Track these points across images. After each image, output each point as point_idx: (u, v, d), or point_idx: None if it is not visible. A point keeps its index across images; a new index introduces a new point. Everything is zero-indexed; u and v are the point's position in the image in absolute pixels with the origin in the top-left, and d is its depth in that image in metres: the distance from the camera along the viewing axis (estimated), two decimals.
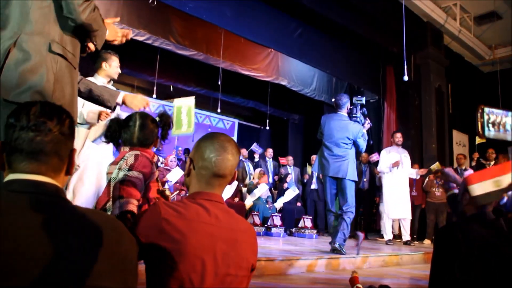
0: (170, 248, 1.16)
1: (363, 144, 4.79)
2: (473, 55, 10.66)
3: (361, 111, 4.84)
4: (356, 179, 4.92)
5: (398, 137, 7.26)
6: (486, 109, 1.19)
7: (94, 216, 0.96)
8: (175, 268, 1.15)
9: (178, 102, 3.45)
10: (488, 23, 9.43)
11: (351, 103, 4.91)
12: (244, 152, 8.93)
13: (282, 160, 9.28)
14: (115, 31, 2.11)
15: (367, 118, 4.92)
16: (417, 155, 8.83)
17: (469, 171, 4.86)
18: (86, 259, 0.86)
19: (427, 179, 7.77)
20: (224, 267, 1.22)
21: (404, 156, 7.16)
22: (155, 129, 2.12)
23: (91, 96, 2.34)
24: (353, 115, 4.80)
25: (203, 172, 1.34)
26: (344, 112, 4.84)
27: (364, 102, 4.89)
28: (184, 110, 3.40)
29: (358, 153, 5.59)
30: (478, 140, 8.11)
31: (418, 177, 7.39)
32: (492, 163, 7.67)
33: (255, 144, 9.49)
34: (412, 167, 7.39)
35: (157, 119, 2.17)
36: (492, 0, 8.36)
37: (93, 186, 3.48)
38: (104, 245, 0.91)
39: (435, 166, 6.99)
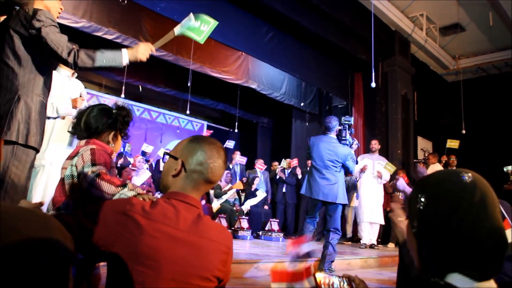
0: (126, 246, 1.09)
1: (352, 166, 4.78)
2: (438, 64, 11.00)
3: (349, 131, 4.84)
4: (347, 202, 4.93)
5: (372, 144, 7.53)
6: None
7: (18, 215, 0.71)
8: (129, 268, 1.08)
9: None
10: (453, 34, 9.75)
11: (339, 123, 4.88)
12: None
13: (259, 164, 9.26)
14: None
15: (354, 139, 4.94)
16: None
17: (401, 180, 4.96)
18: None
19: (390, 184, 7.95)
20: (183, 274, 1.14)
21: (377, 163, 7.34)
22: (104, 117, 1.97)
23: (97, 66, 2.38)
24: (342, 137, 4.73)
25: (194, 176, 1.26)
26: (333, 135, 4.79)
27: (352, 122, 4.88)
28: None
29: (347, 174, 5.60)
30: (448, 144, 8.33)
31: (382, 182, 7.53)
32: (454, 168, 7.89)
33: (228, 141, 9.50)
34: (397, 175, 7.55)
35: (114, 111, 2.03)
36: (456, 12, 8.65)
37: None
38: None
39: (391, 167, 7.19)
